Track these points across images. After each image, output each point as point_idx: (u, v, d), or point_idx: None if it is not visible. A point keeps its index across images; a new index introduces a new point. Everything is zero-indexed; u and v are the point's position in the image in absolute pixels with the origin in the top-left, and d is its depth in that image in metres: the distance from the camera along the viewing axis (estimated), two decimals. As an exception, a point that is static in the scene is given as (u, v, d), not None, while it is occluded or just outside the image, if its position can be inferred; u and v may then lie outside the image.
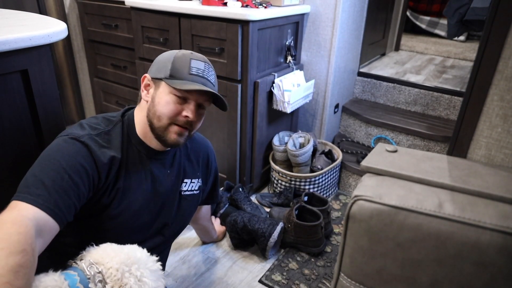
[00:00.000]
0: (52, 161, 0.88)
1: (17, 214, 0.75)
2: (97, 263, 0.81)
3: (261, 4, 1.72)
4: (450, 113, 2.12)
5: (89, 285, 0.78)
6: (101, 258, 0.82)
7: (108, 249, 0.85)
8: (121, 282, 0.79)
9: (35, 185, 0.82)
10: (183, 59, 1.01)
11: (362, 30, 2.25)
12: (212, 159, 1.32)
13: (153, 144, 1.06)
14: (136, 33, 1.99)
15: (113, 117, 1.06)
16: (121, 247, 0.87)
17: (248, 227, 1.54)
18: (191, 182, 1.22)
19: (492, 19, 0.96)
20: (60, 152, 0.90)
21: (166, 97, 1.00)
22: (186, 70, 1.00)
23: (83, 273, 0.79)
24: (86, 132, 0.96)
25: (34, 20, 1.17)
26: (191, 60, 1.01)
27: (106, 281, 0.79)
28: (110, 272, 0.80)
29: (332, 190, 2.03)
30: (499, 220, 0.76)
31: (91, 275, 0.79)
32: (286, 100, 1.78)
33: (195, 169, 1.24)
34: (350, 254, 0.93)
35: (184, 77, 0.99)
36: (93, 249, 0.86)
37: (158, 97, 1.01)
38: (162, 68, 1.02)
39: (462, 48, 3.37)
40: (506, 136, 1.02)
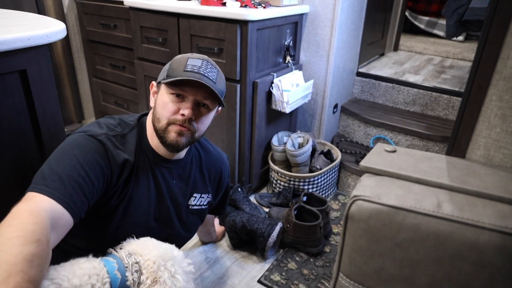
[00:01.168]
0: (70, 156, 0.88)
1: (34, 205, 0.76)
2: (135, 253, 0.85)
3: (260, 4, 1.72)
4: (449, 113, 2.12)
5: (126, 274, 0.81)
6: (140, 249, 0.86)
7: (147, 242, 0.89)
8: (155, 275, 0.82)
9: (52, 177, 0.83)
10: (180, 59, 1.01)
11: (361, 30, 2.25)
12: (225, 175, 1.30)
13: (161, 151, 1.06)
14: (134, 33, 1.99)
15: (131, 121, 1.07)
16: (160, 243, 0.90)
17: (247, 227, 1.54)
18: (200, 196, 1.21)
19: (490, 19, 0.96)
20: (78, 148, 0.91)
21: (164, 98, 0.99)
22: (181, 68, 0.98)
23: (121, 261, 0.83)
24: (104, 131, 0.97)
25: (32, 20, 1.17)
26: (188, 59, 1.00)
27: (142, 271, 0.83)
28: (147, 264, 0.83)
29: (331, 190, 2.03)
30: (498, 220, 0.76)
31: (128, 264, 0.83)
32: (285, 100, 1.78)
33: (206, 184, 1.23)
34: (349, 254, 0.93)
35: (178, 74, 0.97)
36: (133, 241, 0.90)
37: (158, 99, 1.02)
38: (162, 72, 1.03)
39: (461, 48, 3.37)
40: (504, 136, 1.02)
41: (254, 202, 1.91)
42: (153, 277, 0.82)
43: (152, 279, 0.82)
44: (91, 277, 0.76)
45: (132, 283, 0.82)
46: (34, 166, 1.13)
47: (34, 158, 1.12)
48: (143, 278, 0.82)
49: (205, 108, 1.03)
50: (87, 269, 0.77)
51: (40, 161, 1.14)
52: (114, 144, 0.96)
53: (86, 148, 0.91)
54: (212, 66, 1.03)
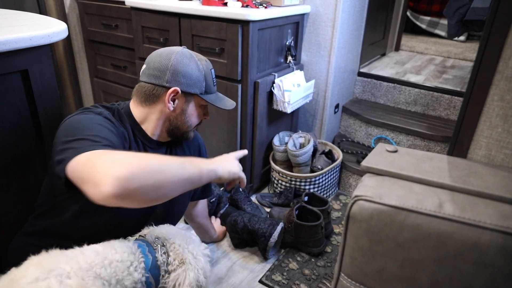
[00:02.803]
0: (96, 125, 0.91)
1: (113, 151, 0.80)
2: (160, 238, 0.95)
3: (261, 4, 1.72)
4: (450, 113, 2.12)
5: (156, 255, 0.90)
6: (164, 234, 0.97)
7: (169, 228, 1.01)
8: (181, 256, 0.92)
9: (104, 140, 0.85)
10: (209, 73, 1.12)
11: (362, 30, 2.25)
12: (203, 150, 1.37)
13: (155, 137, 1.13)
14: (136, 33, 1.99)
15: (112, 104, 1.12)
16: (179, 229, 1.03)
17: (248, 227, 1.54)
18: None
19: (492, 19, 0.96)
20: (95, 119, 0.95)
21: (198, 109, 1.14)
22: (211, 83, 1.13)
23: (150, 244, 0.93)
24: (102, 110, 1.02)
25: (34, 20, 1.17)
26: (211, 72, 1.13)
27: (169, 253, 0.92)
28: (173, 246, 0.94)
29: (332, 190, 2.03)
30: (499, 220, 0.76)
31: (157, 247, 0.92)
32: (286, 100, 1.78)
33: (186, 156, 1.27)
34: (350, 254, 0.93)
35: (212, 90, 1.14)
36: (156, 228, 1.00)
37: (191, 109, 1.12)
38: (195, 83, 1.09)
39: (462, 48, 3.37)
40: (506, 136, 1.02)
41: (256, 202, 1.91)
42: (179, 258, 0.92)
43: (179, 260, 0.92)
44: (129, 255, 0.85)
45: (162, 263, 0.90)
46: (35, 165, 1.13)
47: (35, 158, 1.12)
48: (171, 259, 0.92)
49: None
50: (125, 247, 0.87)
51: (41, 160, 1.14)
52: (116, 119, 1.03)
53: (101, 120, 0.95)
54: None
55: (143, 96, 1.09)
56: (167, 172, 0.77)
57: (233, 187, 1.57)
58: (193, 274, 0.90)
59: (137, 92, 1.11)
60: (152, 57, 1.09)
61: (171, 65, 1.05)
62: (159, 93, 1.07)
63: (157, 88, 1.07)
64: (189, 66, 1.07)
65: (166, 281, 0.90)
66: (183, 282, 0.89)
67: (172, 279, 0.89)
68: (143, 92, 1.09)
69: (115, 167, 0.69)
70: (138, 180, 0.70)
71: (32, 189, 1.12)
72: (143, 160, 0.75)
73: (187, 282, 0.89)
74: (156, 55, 1.09)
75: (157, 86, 1.07)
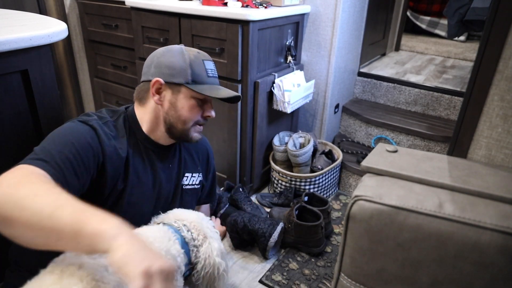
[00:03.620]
0: (61, 137, 0.89)
1: (32, 169, 0.76)
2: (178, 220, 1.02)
3: (261, 4, 1.72)
4: (450, 113, 2.12)
5: (182, 234, 0.98)
6: (180, 216, 1.04)
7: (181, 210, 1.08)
8: (203, 231, 1.01)
9: (44, 153, 0.82)
10: (198, 62, 1.05)
11: (362, 30, 2.25)
12: (211, 155, 1.36)
13: (160, 140, 1.10)
14: (136, 33, 1.99)
15: (117, 109, 1.10)
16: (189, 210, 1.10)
17: (248, 227, 1.54)
18: (192, 176, 1.24)
19: (492, 19, 0.96)
20: (70, 130, 0.92)
21: (190, 101, 1.05)
22: (204, 73, 1.06)
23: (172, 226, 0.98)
24: (94, 118, 0.98)
25: (34, 20, 1.17)
26: (204, 62, 1.07)
27: (191, 231, 1.00)
28: (193, 224, 1.01)
29: (332, 190, 2.02)
30: (499, 220, 0.76)
31: (180, 227, 0.99)
32: (286, 100, 1.78)
33: (196, 163, 1.27)
34: (350, 254, 0.93)
35: (205, 80, 1.06)
36: (169, 213, 1.07)
37: (180, 102, 1.05)
38: (179, 73, 1.03)
39: (462, 48, 3.37)
40: (506, 136, 1.02)
41: (256, 202, 1.91)
42: (202, 234, 1.00)
43: (202, 235, 1.00)
44: (165, 233, 0.92)
45: (190, 240, 0.98)
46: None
47: (35, 158, 1.12)
48: (195, 235, 0.99)
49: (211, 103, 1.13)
50: (160, 227, 0.95)
51: (42, 161, 1.14)
52: (105, 132, 0.97)
53: (79, 131, 0.92)
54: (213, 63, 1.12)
55: (138, 96, 1.10)
56: (27, 211, 0.63)
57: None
58: (217, 244, 1.01)
59: (135, 94, 1.11)
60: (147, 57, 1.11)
61: (155, 58, 1.06)
62: (147, 88, 1.07)
63: (145, 83, 1.08)
64: (173, 57, 1.05)
65: (197, 255, 0.99)
66: (211, 253, 0.99)
67: (202, 253, 0.98)
68: (138, 92, 1.10)
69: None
70: (2, 202, 0.65)
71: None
72: (14, 187, 0.67)
73: (215, 252, 0.99)
74: (150, 54, 1.10)
75: (145, 82, 1.08)
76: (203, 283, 0.99)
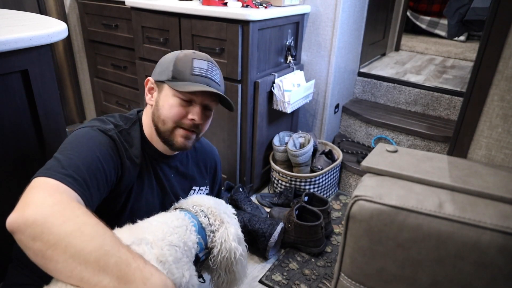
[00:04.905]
0: (86, 148, 0.86)
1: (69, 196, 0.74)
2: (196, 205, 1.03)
3: (261, 4, 1.72)
4: (451, 113, 2.12)
5: (199, 219, 1.00)
6: (198, 202, 1.05)
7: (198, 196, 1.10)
8: (219, 216, 1.03)
9: (71, 167, 0.79)
10: (185, 60, 0.99)
11: (362, 30, 2.25)
12: (219, 168, 1.31)
13: (160, 147, 1.06)
14: (136, 33, 1.99)
15: (130, 115, 1.07)
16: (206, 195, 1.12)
17: (248, 227, 1.54)
18: (199, 189, 1.21)
19: (492, 19, 0.96)
20: (92, 140, 0.89)
21: (170, 100, 0.97)
22: (189, 71, 0.97)
23: (190, 212, 1.00)
24: (111, 127, 0.95)
25: (34, 20, 1.17)
26: (193, 60, 0.99)
27: (208, 216, 1.02)
28: (210, 210, 1.03)
29: (332, 190, 2.02)
30: (500, 220, 0.76)
31: (197, 212, 1.01)
32: (286, 100, 1.78)
33: (204, 176, 1.23)
34: (350, 254, 0.93)
35: (186, 78, 0.96)
36: (187, 198, 1.08)
37: (162, 100, 0.99)
38: (164, 71, 1.00)
39: (463, 48, 3.37)
40: (506, 136, 1.02)
41: (256, 202, 1.91)
42: (219, 219, 1.02)
43: (219, 220, 1.02)
44: (182, 221, 0.94)
45: (206, 225, 1.00)
46: (36, 166, 1.13)
47: (35, 158, 1.12)
48: (211, 221, 1.01)
49: (209, 110, 1.04)
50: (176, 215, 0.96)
51: (42, 161, 1.14)
52: (121, 141, 0.95)
53: (101, 142, 0.89)
54: (216, 67, 1.04)
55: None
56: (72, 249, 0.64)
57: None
58: (233, 229, 1.02)
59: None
60: None
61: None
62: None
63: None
64: (167, 56, 1.03)
65: (213, 240, 1.00)
66: (227, 237, 1.00)
67: (218, 237, 1.00)
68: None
69: (31, 208, 0.66)
70: (32, 233, 0.64)
71: (32, 189, 1.12)
72: (57, 218, 0.65)
73: (231, 237, 1.00)
74: None
75: None
76: (221, 267, 1.01)
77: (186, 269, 0.86)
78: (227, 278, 1.03)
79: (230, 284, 1.05)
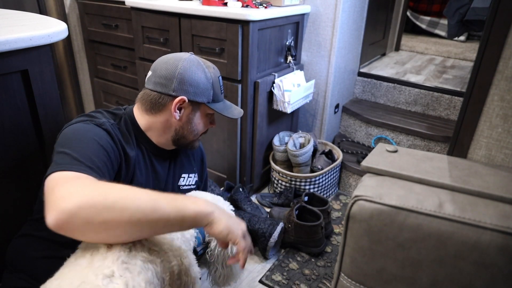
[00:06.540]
0: (89, 139, 0.89)
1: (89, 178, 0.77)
2: None
3: (261, 4, 1.72)
4: (451, 113, 2.12)
5: None
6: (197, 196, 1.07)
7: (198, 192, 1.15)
8: None
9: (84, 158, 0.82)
10: (217, 81, 1.09)
11: (362, 30, 2.25)
12: (204, 156, 1.37)
13: (155, 140, 1.10)
14: (136, 33, 1.99)
15: (117, 110, 1.09)
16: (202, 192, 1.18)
17: (248, 227, 1.54)
18: (188, 176, 1.25)
19: (492, 19, 0.96)
20: (91, 132, 0.91)
21: (204, 118, 1.11)
22: (220, 92, 1.10)
23: None
24: (105, 121, 0.97)
25: (34, 20, 1.17)
26: (219, 79, 1.10)
27: None
28: None
29: (332, 190, 2.02)
30: (500, 220, 0.76)
31: None
32: (287, 100, 1.78)
33: (191, 164, 1.28)
34: (350, 254, 0.93)
35: (220, 99, 1.11)
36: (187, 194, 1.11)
37: (197, 118, 1.09)
38: (203, 93, 1.06)
39: (463, 48, 3.37)
40: (506, 136, 1.02)
41: (256, 202, 1.91)
42: None
43: None
44: None
45: None
46: (35, 165, 1.13)
47: (35, 158, 1.12)
48: None
49: None
50: None
51: (42, 161, 1.14)
52: (115, 133, 0.98)
53: (99, 133, 0.92)
54: None
55: (148, 104, 1.06)
56: (127, 211, 0.69)
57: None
58: None
59: (142, 100, 1.07)
60: (159, 64, 1.05)
61: (178, 73, 1.01)
62: (165, 102, 1.03)
63: (163, 96, 1.03)
64: (196, 74, 1.03)
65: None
66: None
67: None
68: (148, 100, 1.05)
69: (65, 199, 0.67)
70: (83, 217, 0.66)
71: (32, 189, 1.12)
72: (102, 194, 0.69)
73: None
74: (163, 62, 1.05)
75: (163, 94, 1.03)
76: (218, 261, 1.04)
77: (185, 257, 0.88)
78: (224, 272, 1.06)
79: (227, 279, 1.08)
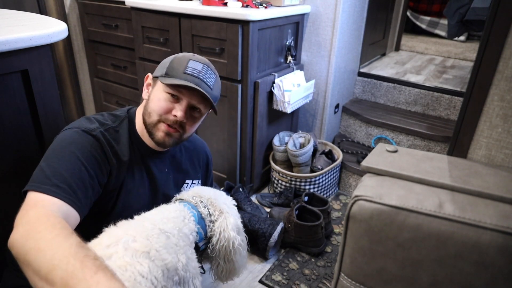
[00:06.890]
0: (68, 153, 0.88)
1: (44, 210, 0.76)
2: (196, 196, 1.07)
3: (261, 4, 1.72)
4: (450, 113, 2.12)
5: (199, 210, 1.04)
6: (198, 192, 1.09)
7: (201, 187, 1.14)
8: (219, 207, 1.06)
9: (55, 176, 0.82)
10: (182, 59, 1.02)
11: (362, 30, 2.25)
12: (210, 161, 1.34)
13: (150, 144, 1.07)
14: (136, 33, 1.99)
15: (120, 113, 1.07)
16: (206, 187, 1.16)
17: (248, 227, 1.54)
18: (192, 183, 1.23)
19: (492, 19, 0.96)
20: (74, 144, 0.90)
21: (160, 94, 1.00)
22: (181, 69, 0.99)
23: (190, 203, 1.04)
24: (96, 126, 0.96)
25: (34, 20, 1.17)
26: (189, 61, 1.01)
27: (208, 207, 1.06)
28: (210, 201, 1.07)
29: (332, 190, 2.02)
30: (499, 220, 0.76)
31: (197, 203, 1.05)
32: (287, 100, 1.78)
33: (196, 170, 1.26)
34: (350, 254, 0.93)
35: (177, 75, 0.99)
36: (188, 190, 1.13)
37: (153, 94, 1.02)
38: (161, 67, 1.03)
39: (462, 48, 3.37)
40: (506, 136, 1.02)
41: (256, 202, 1.91)
42: (218, 209, 1.06)
43: (218, 210, 1.06)
44: (180, 212, 0.98)
45: (206, 216, 1.04)
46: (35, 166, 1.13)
47: (35, 158, 1.12)
48: (211, 211, 1.05)
49: (198, 112, 1.04)
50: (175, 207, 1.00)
51: (42, 161, 1.14)
52: (107, 139, 0.96)
53: (83, 144, 0.91)
54: (212, 72, 1.05)
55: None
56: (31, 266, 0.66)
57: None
58: (232, 219, 1.05)
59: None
60: None
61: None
62: None
63: None
64: (169, 57, 1.06)
65: (212, 229, 1.04)
66: (226, 227, 1.03)
67: (217, 227, 1.03)
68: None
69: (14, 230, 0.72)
70: (14, 253, 0.70)
71: (32, 189, 1.12)
72: (31, 246, 0.67)
73: (230, 226, 1.03)
74: None
75: None
76: (220, 256, 1.05)
77: (182, 253, 0.87)
78: (226, 267, 1.06)
79: (230, 273, 1.09)
